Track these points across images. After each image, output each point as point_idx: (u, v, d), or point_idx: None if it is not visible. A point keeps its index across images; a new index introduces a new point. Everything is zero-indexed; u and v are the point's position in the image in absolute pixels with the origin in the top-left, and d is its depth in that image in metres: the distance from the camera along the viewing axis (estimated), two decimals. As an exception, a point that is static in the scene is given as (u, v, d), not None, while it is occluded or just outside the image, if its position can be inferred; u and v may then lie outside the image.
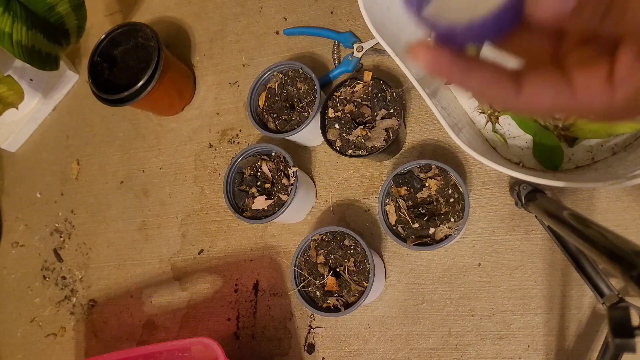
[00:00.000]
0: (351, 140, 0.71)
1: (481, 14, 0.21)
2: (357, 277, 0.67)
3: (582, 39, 0.24)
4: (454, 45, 0.22)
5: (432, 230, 0.65)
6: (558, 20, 0.19)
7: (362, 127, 0.71)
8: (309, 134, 0.76)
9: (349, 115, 0.72)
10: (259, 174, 0.75)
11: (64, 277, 0.93)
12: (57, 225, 0.97)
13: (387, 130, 0.70)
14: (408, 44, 0.23)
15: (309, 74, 0.75)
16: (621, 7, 0.18)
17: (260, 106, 0.78)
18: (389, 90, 0.71)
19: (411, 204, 0.68)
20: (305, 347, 0.74)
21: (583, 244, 0.43)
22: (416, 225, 0.66)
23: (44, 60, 0.85)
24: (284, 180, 0.73)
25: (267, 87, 0.79)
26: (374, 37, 0.58)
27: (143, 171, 0.92)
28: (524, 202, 0.64)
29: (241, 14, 0.92)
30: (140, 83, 0.80)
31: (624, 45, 0.21)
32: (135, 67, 0.84)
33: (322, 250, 0.70)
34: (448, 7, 0.23)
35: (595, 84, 0.22)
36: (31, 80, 0.99)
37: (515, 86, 0.22)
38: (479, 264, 0.68)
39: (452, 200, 0.66)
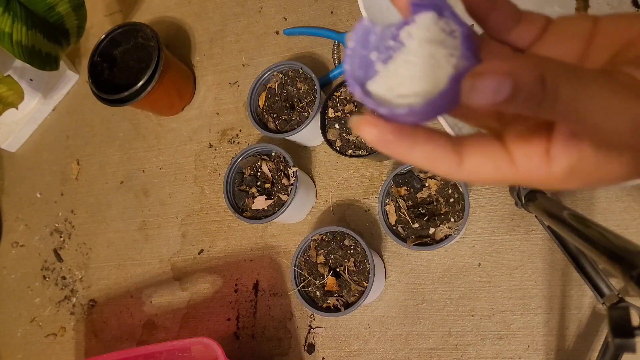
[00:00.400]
0: (351, 140, 0.71)
1: (420, 101, 0.22)
2: (357, 277, 0.67)
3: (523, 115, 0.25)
4: (394, 122, 0.24)
5: (432, 230, 0.65)
6: (493, 108, 0.20)
7: (362, 127, 0.71)
8: (309, 134, 0.76)
9: (349, 115, 0.72)
10: (259, 174, 0.75)
11: (64, 277, 0.93)
12: (57, 225, 0.97)
13: (387, 130, 0.70)
14: (354, 119, 0.23)
15: (309, 74, 0.75)
16: (553, 96, 0.20)
17: (260, 106, 0.78)
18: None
19: (411, 204, 0.68)
20: (305, 347, 0.74)
21: (583, 244, 0.43)
22: (416, 225, 0.66)
23: (44, 60, 0.85)
24: (284, 180, 0.73)
25: (267, 87, 0.79)
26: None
27: (143, 171, 0.92)
28: (524, 202, 0.64)
29: (241, 14, 0.92)
30: (140, 83, 0.80)
31: (558, 125, 0.23)
32: (135, 67, 0.84)
33: (322, 250, 0.70)
34: (389, 90, 0.24)
35: (534, 157, 0.23)
36: (31, 80, 0.99)
37: (456, 159, 0.23)
38: (479, 264, 0.68)
39: (452, 200, 0.66)
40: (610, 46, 0.24)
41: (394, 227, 0.67)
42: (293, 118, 0.76)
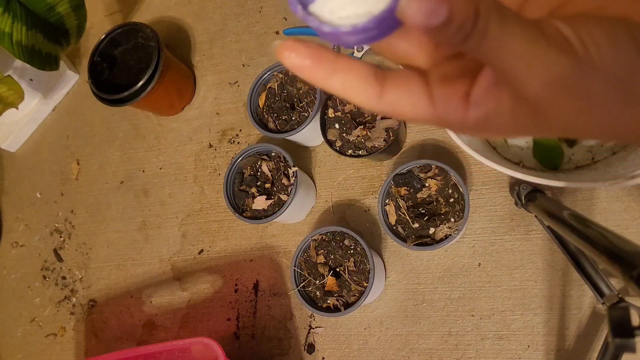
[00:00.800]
0: (351, 140, 0.71)
1: (363, 19, 0.22)
2: (357, 277, 0.67)
3: (451, 54, 0.25)
4: (337, 43, 0.23)
5: (432, 230, 0.65)
6: (424, 33, 0.20)
7: (362, 127, 0.71)
8: (309, 134, 0.76)
9: (349, 115, 0.72)
10: (259, 174, 0.75)
11: (64, 277, 0.93)
12: (57, 225, 0.97)
13: (387, 130, 0.70)
14: (275, 43, 0.23)
15: (309, 74, 0.75)
16: (482, 33, 0.20)
17: (260, 106, 0.78)
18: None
19: (411, 204, 0.68)
20: (305, 347, 0.74)
21: (583, 244, 0.43)
22: (416, 225, 0.66)
23: (44, 60, 0.85)
24: (284, 180, 0.73)
25: (267, 87, 0.79)
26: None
27: (143, 171, 0.92)
28: (524, 202, 0.64)
29: (241, 14, 0.92)
30: (140, 83, 0.80)
31: (483, 71, 0.23)
32: (135, 67, 0.84)
33: (322, 250, 0.70)
34: (330, 13, 0.23)
35: (452, 99, 0.23)
36: (31, 80, 0.99)
37: (377, 90, 0.23)
38: (479, 264, 0.68)
39: (452, 200, 0.66)
40: (545, 4, 0.24)
41: (394, 227, 0.67)
42: (293, 118, 0.76)
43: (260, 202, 0.73)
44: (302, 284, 0.69)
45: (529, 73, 0.20)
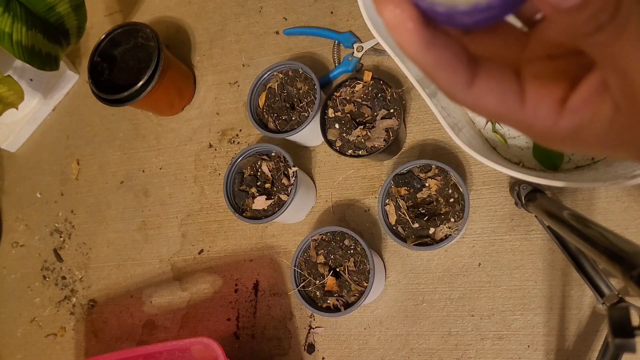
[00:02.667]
0: (351, 140, 0.71)
1: (462, 6, 0.20)
2: (357, 277, 0.67)
3: (546, 54, 0.23)
4: (450, 25, 0.21)
5: (432, 230, 0.65)
6: (557, 14, 0.18)
7: (362, 127, 0.71)
8: (309, 134, 0.76)
9: (349, 115, 0.72)
10: (259, 174, 0.75)
11: (64, 277, 0.93)
12: (57, 225, 0.97)
13: (387, 130, 0.70)
14: None
15: (309, 74, 0.75)
16: (619, 27, 0.18)
17: (260, 106, 0.78)
18: (389, 90, 0.71)
19: (411, 204, 0.68)
20: (305, 347, 0.74)
21: (583, 244, 0.43)
22: (416, 225, 0.66)
23: (44, 60, 0.85)
24: (284, 180, 0.73)
25: (267, 87, 0.79)
26: (374, 37, 0.58)
27: (143, 171, 0.92)
28: (524, 202, 0.64)
29: (241, 14, 0.92)
30: (140, 83, 0.80)
31: (592, 74, 0.21)
32: (135, 67, 0.84)
33: (322, 250, 0.70)
34: None
35: (545, 102, 0.21)
36: (31, 80, 0.99)
37: (468, 78, 0.21)
38: (479, 264, 0.68)
39: (452, 200, 0.66)
40: None
41: (394, 227, 0.67)
42: (293, 118, 0.76)
43: (260, 202, 0.73)
44: (302, 284, 0.69)
45: None
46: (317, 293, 0.68)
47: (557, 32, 0.21)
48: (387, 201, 0.68)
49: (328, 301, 0.67)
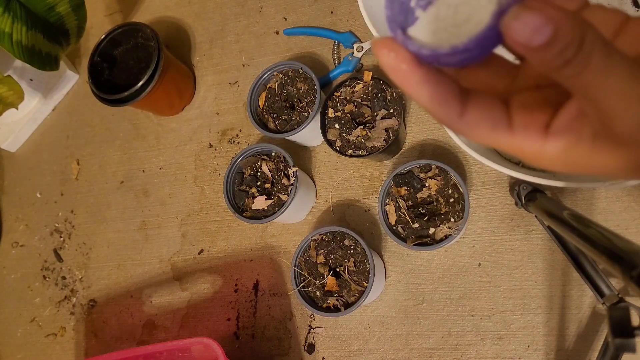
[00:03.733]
0: (351, 140, 0.71)
1: (463, 39, 0.22)
2: (357, 277, 0.67)
3: (534, 84, 0.25)
4: (437, 65, 0.23)
5: (432, 230, 0.65)
6: (525, 51, 0.20)
7: (362, 127, 0.71)
8: (309, 134, 0.76)
9: (349, 115, 0.72)
10: (259, 174, 0.75)
11: (64, 277, 0.93)
12: (57, 225, 0.97)
13: (387, 130, 0.70)
14: (376, 39, 0.23)
15: (309, 74, 0.75)
16: (584, 62, 0.20)
17: (260, 106, 0.78)
18: (389, 90, 0.71)
19: (411, 204, 0.68)
20: (305, 347, 0.74)
21: (583, 244, 0.43)
22: (416, 225, 0.66)
23: (44, 60, 0.85)
24: (284, 180, 0.73)
25: (267, 87, 0.79)
26: (374, 37, 0.58)
27: (143, 171, 0.92)
28: (524, 202, 0.64)
29: (241, 14, 0.92)
30: (140, 83, 0.80)
31: (570, 101, 0.23)
32: (135, 67, 0.84)
33: (322, 250, 0.70)
34: (431, 30, 0.24)
35: (532, 128, 0.23)
36: (31, 80, 0.99)
37: (460, 108, 0.23)
38: (479, 264, 0.68)
39: (452, 200, 0.66)
40: (636, 45, 0.23)
41: (394, 227, 0.67)
42: (293, 118, 0.76)
43: (260, 202, 0.73)
44: (302, 284, 0.69)
45: (626, 111, 0.20)
46: (317, 293, 0.68)
47: (533, 65, 0.24)
48: (387, 201, 0.68)
49: (328, 301, 0.67)
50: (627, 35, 0.24)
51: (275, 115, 0.77)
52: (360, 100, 0.72)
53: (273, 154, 0.75)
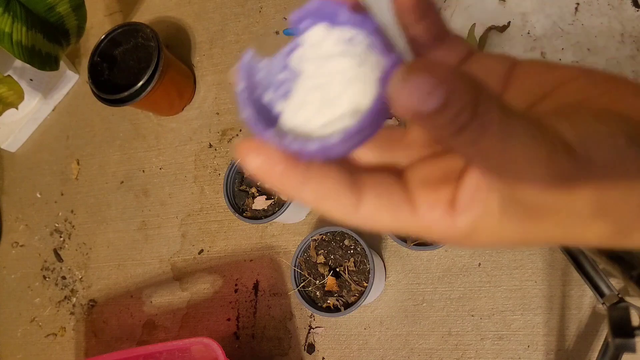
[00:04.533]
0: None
1: (350, 120, 0.19)
2: (357, 277, 0.67)
3: (433, 153, 0.23)
4: (326, 158, 0.20)
5: (432, 230, 0.65)
6: (417, 119, 0.18)
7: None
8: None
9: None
10: (259, 174, 0.75)
11: (64, 277, 0.93)
12: (57, 225, 0.97)
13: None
14: (237, 142, 0.21)
15: (309, 74, 0.75)
16: (481, 127, 0.18)
17: (260, 106, 0.78)
18: (389, 90, 0.71)
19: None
20: (305, 347, 0.74)
21: (583, 244, 0.43)
22: (416, 225, 0.66)
23: (44, 60, 0.85)
24: (284, 180, 0.73)
25: (267, 87, 0.79)
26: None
27: (143, 171, 0.92)
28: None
29: (241, 14, 0.92)
30: (140, 83, 0.79)
31: (469, 172, 0.21)
32: (135, 67, 0.84)
33: (322, 250, 0.70)
34: (304, 119, 0.20)
35: (437, 208, 0.21)
36: (31, 80, 0.99)
37: (353, 201, 0.21)
38: (479, 264, 0.68)
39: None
40: (527, 93, 0.22)
41: (394, 227, 0.67)
42: (293, 118, 0.75)
43: (260, 202, 0.72)
44: (302, 284, 0.69)
45: (532, 174, 0.18)
46: (317, 293, 0.68)
47: (426, 134, 0.22)
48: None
49: (328, 301, 0.67)
50: (516, 82, 0.22)
51: (275, 115, 0.77)
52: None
53: (273, 154, 0.75)
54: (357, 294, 0.66)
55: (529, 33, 0.69)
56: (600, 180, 0.19)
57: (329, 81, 0.20)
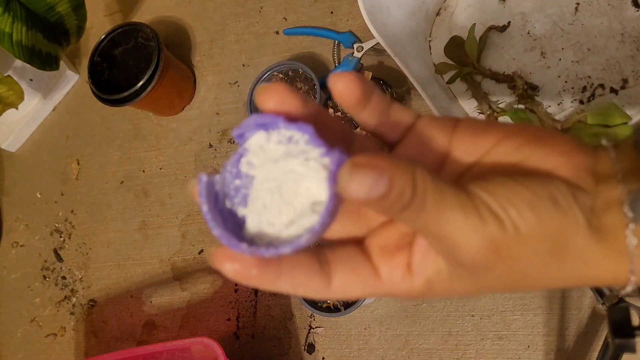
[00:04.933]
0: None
1: (303, 236, 0.21)
2: (357, 277, 0.67)
3: (385, 221, 0.26)
4: (295, 252, 0.22)
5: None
6: (367, 205, 0.20)
7: (362, 127, 0.71)
8: (309, 134, 0.75)
9: (349, 115, 0.72)
10: (259, 174, 0.75)
11: (64, 277, 0.93)
12: (57, 225, 0.97)
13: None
14: (211, 251, 0.22)
15: (309, 74, 0.75)
16: (421, 204, 0.20)
17: (260, 106, 0.78)
18: (389, 90, 0.71)
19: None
20: (305, 347, 0.74)
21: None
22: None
23: (44, 60, 0.85)
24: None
25: (267, 87, 0.79)
26: (374, 37, 0.58)
27: (143, 171, 0.92)
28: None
29: (241, 14, 0.92)
30: (140, 83, 0.79)
31: (416, 238, 0.24)
32: (135, 67, 0.84)
33: (322, 250, 0.69)
34: (269, 227, 0.22)
35: (397, 271, 0.24)
36: (31, 80, 0.99)
37: (324, 281, 0.23)
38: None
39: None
40: (465, 156, 0.24)
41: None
42: (293, 118, 0.75)
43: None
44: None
45: (465, 241, 0.21)
46: (317, 293, 0.68)
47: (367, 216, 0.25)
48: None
49: (328, 301, 0.67)
50: (456, 145, 0.25)
51: (275, 115, 0.77)
52: (360, 100, 0.72)
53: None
54: (357, 294, 0.66)
55: (529, 33, 0.69)
56: (531, 245, 0.21)
57: (281, 182, 0.22)
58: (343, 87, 0.23)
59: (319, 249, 0.24)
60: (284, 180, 0.22)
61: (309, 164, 0.22)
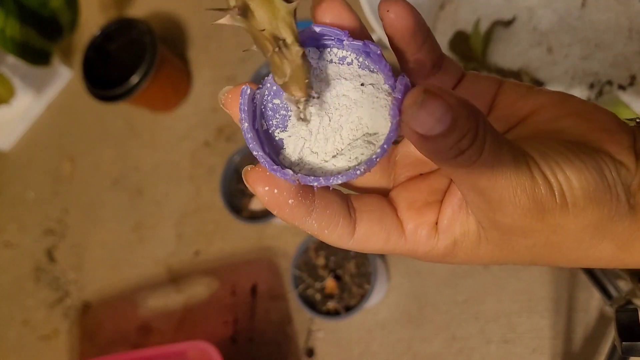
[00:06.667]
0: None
1: (360, 167, 0.20)
2: (359, 279, 0.66)
3: (420, 172, 0.25)
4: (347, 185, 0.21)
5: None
6: (422, 142, 0.19)
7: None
8: (309, 132, 0.74)
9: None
10: (257, 173, 0.74)
11: (57, 279, 0.92)
12: (50, 225, 0.96)
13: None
14: (247, 170, 0.21)
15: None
16: (478, 151, 0.19)
17: (258, 103, 0.77)
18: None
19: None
20: (305, 351, 0.73)
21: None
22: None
23: (37, 56, 0.84)
24: (283, 180, 0.72)
25: (266, 83, 0.77)
26: (375, 33, 0.57)
27: (137, 170, 0.91)
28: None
29: (238, 9, 0.91)
30: (135, 79, 0.79)
31: (448, 196, 0.23)
32: (130, 63, 0.83)
33: (323, 252, 0.69)
34: (322, 154, 0.21)
35: (423, 229, 0.23)
36: (24, 77, 0.98)
37: (349, 228, 0.22)
38: (485, 266, 0.67)
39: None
40: (508, 116, 0.24)
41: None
42: (292, 115, 0.74)
43: (258, 202, 0.71)
44: (301, 287, 0.68)
45: (512, 199, 0.20)
46: (317, 296, 0.67)
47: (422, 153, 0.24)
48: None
49: (328, 304, 0.66)
50: (499, 105, 0.24)
51: (273, 112, 0.76)
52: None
53: (271, 153, 0.74)
54: (358, 297, 0.65)
55: (534, 28, 0.68)
56: (574, 216, 0.20)
57: (330, 106, 0.20)
58: (397, 15, 0.20)
59: (346, 194, 0.23)
60: (334, 106, 0.20)
61: (365, 90, 0.20)
